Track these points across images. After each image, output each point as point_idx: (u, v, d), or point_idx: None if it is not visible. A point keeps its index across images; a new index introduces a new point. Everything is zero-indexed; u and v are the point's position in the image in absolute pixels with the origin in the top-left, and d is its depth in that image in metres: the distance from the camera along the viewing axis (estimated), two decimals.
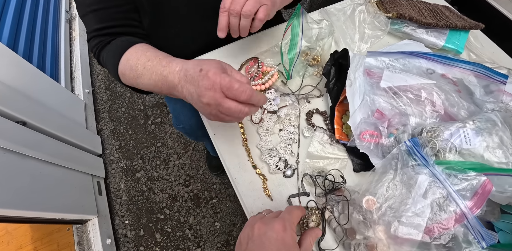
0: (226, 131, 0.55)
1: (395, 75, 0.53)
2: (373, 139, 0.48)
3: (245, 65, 0.62)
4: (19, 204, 0.88)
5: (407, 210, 0.42)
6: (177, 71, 0.43)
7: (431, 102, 0.51)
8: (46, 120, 1.11)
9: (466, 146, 0.45)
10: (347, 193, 0.47)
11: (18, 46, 1.23)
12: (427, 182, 0.43)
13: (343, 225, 0.45)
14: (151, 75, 0.46)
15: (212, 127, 0.56)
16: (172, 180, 1.34)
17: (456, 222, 0.41)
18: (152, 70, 0.46)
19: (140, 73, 0.48)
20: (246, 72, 0.61)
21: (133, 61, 0.49)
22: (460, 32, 0.67)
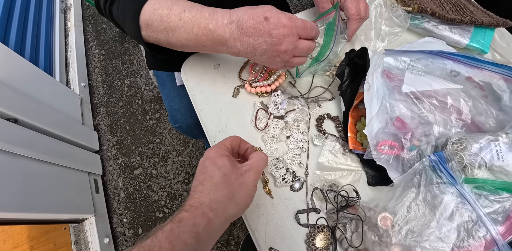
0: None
1: (418, 78, 0.47)
2: (393, 150, 0.43)
3: (249, 63, 0.57)
4: (11, 206, 0.84)
5: (430, 234, 0.37)
6: (226, 24, 0.40)
7: (457, 110, 0.46)
8: (39, 117, 1.06)
9: (498, 162, 0.40)
10: (361, 210, 0.42)
11: (8, 39, 1.17)
12: (453, 203, 0.38)
13: (357, 248, 0.41)
14: (192, 28, 0.41)
15: (212, 134, 0.51)
16: (171, 177, 1.30)
17: (486, 249, 0.37)
18: (192, 22, 0.41)
19: (175, 26, 0.42)
20: (250, 72, 0.55)
21: (164, 10, 0.42)
22: (486, 30, 0.60)
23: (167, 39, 0.44)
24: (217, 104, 0.54)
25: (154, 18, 0.43)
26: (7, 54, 1.06)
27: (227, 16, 0.40)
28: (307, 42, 0.41)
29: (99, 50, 1.66)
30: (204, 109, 0.53)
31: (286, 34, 0.38)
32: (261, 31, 0.38)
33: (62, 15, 1.61)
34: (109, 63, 1.62)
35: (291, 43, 0.39)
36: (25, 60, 1.13)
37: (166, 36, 0.44)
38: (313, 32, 0.41)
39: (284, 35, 0.38)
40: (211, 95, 0.55)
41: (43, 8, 1.46)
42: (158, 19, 0.42)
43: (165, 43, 0.46)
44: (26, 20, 1.29)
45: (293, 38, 0.39)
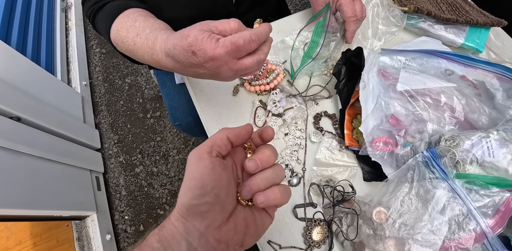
0: None
1: (412, 77, 0.48)
2: (387, 147, 0.44)
3: None
4: (14, 203, 0.86)
5: (422, 227, 0.39)
6: (165, 57, 0.39)
7: (451, 108, 0.47)
8: (41, 115, 1.07)
9: (489, 158, 0.41)
10: (356, 205, 0.44)
11: (10, 38, 1.18)
12: (445, 197, 0.39)
13: (352, 240, 0.42)
14: (143, 55, 0.42)
15: (212, 132, 0.52)
16: (172, 175, 1.32)
17: (476, 242, 0.38)
18: (142, 50, 0.42)
19: (132, 49, 0.44)
20: None
21: (123, 32, 0.44)
22: (481, 29, 0.62)
23: (135, 58, 0.46)
24: (217, 102, 0.55)
25: (118, 39, 0.45)
26: (9, 53, 1.07)
27: (163, 48, 0.38)
28: (249, 60, 0.36)
29: (100, 49, 1.67)
30: (204, 107, 0.55)
31: (219, 65, 0.35)
32: (196, 65, 0.36)
33: (63, 14, 1.62)
34: (110, 62, 1.63)
35: (229, 70, 0.36)
36: (27, 59, 1.15)
37: (131, 55, 0.46)
38: (251, 45, 0.34)
39: (217, 67, 0.35)
40: (211, 93, 0.56)
41: (44, 8, 1.47)
42: (120, 41, 0.45)
43: (138, 60, 0.47)
44: (27, 19, 1.30)
45: (228, 65, 0.35)
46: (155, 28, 0.41)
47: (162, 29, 0.41)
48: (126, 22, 0.44)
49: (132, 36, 0.43)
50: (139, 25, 0.43)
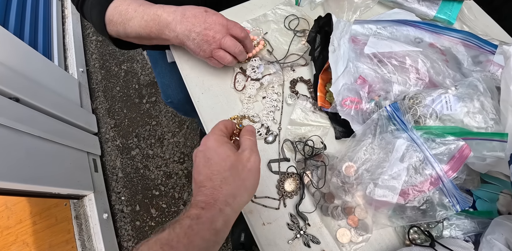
0: (210, 100, 0.55)
1: (380, 42, 0.52)
2: (354, 104, 0.48)
3: None
4: (14, 177, 0.90)
5: (383, 173, 0.43)
6: (172, 11, 0.47)
7: (416, 70, 0.50)
8: (39, 98, 1.11)
9: (447, 111, 0.45)
10: (326, 158, 0.47)
11: (8, 23, 1.21)
12: (404, 146, 0.43)
13: (320, 189, 0.46)
14: (143, 16, 0.48)
15: (196, 95, 0.56)
16: (166, 157, 1.36)
17: (431, 185, 0.42)
18: (144, 12, 0.49)
19: (131, 17, 0.49)
20: None
21: (124, 6, 0.50)
22: (453, 3, 0.64)
23: (124, 30, 0.51)
24: (201, 70, 0.58)
25: (115, 13, 0.51)
26: (8, 37, 1.10)
27: (174, 6, 0.48)
28: (235, 41, 0.49)
29: (96, 37, 1.70)
30: (189, 74, 0.58)
31: (218, 22, 0.47)
32: (199, 18, 0.46)
33: (59, 3, 1.64)
34: (106, 49, 1.66)
35: (219, 32, 0.47)
36: (25, 44, 1.18)
37: (123, 28, 0.51)
38: (242, 32, 0.49)
39: (216, 23, 0.46)
40: (196, 62, 0.59)
41: None
42: (118, 14, 0.50)
43: (123, 34, 0.52)
44: (24, 5, 1.33)
45: (222, 28, 0.47)
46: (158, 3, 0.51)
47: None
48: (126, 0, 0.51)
49: (134, 6, 0.50)
50: (141, 1, 0.51)
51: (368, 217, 0.46)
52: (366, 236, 0.44)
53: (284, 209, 0.47)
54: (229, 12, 0.64)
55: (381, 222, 0.45)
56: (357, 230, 0.45)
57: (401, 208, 0.43)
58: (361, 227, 0.45)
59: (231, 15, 0.63)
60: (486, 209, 0.46)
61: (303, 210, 0.47)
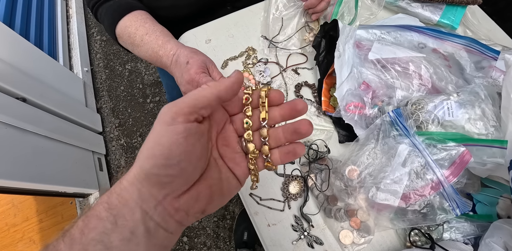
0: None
1: (384, 48, 0.53)
2: (358, 109, 0.49)
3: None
4: (22, 176, 0.91)
5: (385, 177, 0.44)
6: (171, 54, 0.48)
7: (419, 76, 0.51)
8: (45, 97, 1.12)
9: (448, 117, 0.46)
10: (329, 162, 0.49)
11: (14, 23, 1.22)
12: (406, 151, 0.44)
13: (324, 191, 0.47)
14: (147, 50, 0.50)
15: None
16: None
17: (432, 190, 0.43)
18: (148, 45, 0.50)
19: (138, 44, 0.51)
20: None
21: (132, 29, 0.51)
22: (457, 8, 0.65)
23: (133, 51, 0.54)
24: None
25: (125, 34, 0.52)
26: (14, 37, 1.12)
27: (175, 48, 0.48)
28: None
29: (100, 37, 1.71)
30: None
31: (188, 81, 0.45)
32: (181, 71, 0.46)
33: (64, 3, 1.65)
34: (110, 49, 1.67)
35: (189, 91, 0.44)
36: (31, 44, 1.19)
37: (132, 49, 0.54)
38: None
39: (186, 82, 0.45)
40: None
41: None
42: (127, 36, 0.52)
43: (136, 54, 0.54)
44: (29, 6, 1.34)
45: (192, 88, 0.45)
46: (165, 33, 0.51)
47: (171, 35, 0.52)
48: (136, 22, 0.51)
49: (141, 34, 0.50)
50: (149, 27, 0.51)
51: (370, 219, 0.47)
52: (368, 238, 0.46)
53: (288, 211, 0.48)
54: (235, 15, 0.65)
55: (383, 224, 0.46)
56: (359, 231, 0.47)
57: (403, 211, 0.44)
58: (363, 229, 0.47)
59: (237, 17, 0.65)
60: (486, 213, 0.47)
61: (307, 212, 0.48)
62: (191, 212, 0.22)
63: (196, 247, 1.23)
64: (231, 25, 0.64)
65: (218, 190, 0.24)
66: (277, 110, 0.25)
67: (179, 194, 0.21)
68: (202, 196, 0.22)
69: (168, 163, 0.20)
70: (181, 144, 0.20)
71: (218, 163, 0.25)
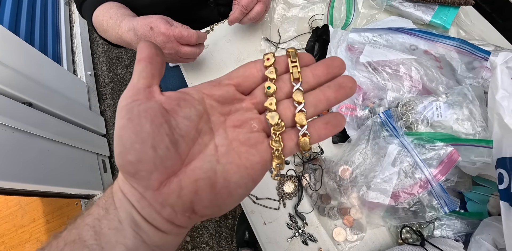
0: None
1: (375, 51, 0.54)
2: (349, 111, 0.50)
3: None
4: (28, 178, 0.94)
5: (376, 176, 0.45)
6: (127, 31, 0.50)
7: (409, 77, 0.53)
8: (51, 102, 1.15)
9: (437, 118, 0.47)
10: (323, 162, 0.50)
11: (19, 30, 1.25)
12: (396, 151, 0.45)
13: (317, 191, 0.49)
14: (112, 33, 0.54)
15: None
16: None
17: (421, 188, 0.44)
18: (112, 28, 0.53)
19: (106, 29, 0.55)
20: None
21: (100, 17, 0.56)
22: (450, 8, 0.66)
23: (106, 37, 0.58)
24: (206, 78, 0.61)
25: (97, 23, 0.57)
26: (19, 44, 1.15)
27: (127, 24, 0.50)
28: (188, 48, 0.50)
29: (103, 41, 1.74)
30: (194, 83, 0.61)
31: (165, 41, 0.48)
32: (149, 38, 0.48)
33: (67, 7, 1.69)
34: (112, 52, 1.70)
35: (172, 48, 0.49)
36: (36, 50, 1.22)
37: (105, 36, 0.58)
38: (191, 40, 0.48)
39: (164, 42, 0.48)
40: (200, 71, 0.62)
41: (49, 1, 1.54)
42: (98, 24, 0.57)
43: (109, 39, 0.58)
44: (33, 12, 1.38)
45: (172, 44, 0.48)
46: (124, 14, 0.54)
47: (130, 15, 0.54)
48: (104, 10, 0.56)
49: (106, 19, 0.54)
50: (112, 12, 0.55)
51: (363, 217, 0.49)
52: (361, 235, 0.47)
53: (283, 210, 0.50)
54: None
55: (375, 222, 0.48)
56: (352, 229, 0.48)
57: (393, 209, 0.46)
58: (356, 227, 0.48)
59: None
60: (477, 211, 0.49)
61: (301, 211, 0.50)
62: (178, 209, 0.19)
63: (198, 246, 1.25)
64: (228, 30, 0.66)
65: (208, 185, 0.19)
66: (308, 70, 0.21)
67: (157, 186, 0.18)
68: (184, 192, 0.19)
69: (123, 150, 0.18)
70: (126, 126, 0.18)
71: (217, 150, 0.20)
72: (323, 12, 0.67)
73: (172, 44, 0.48)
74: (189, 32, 0.48)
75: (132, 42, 0.51)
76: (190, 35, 0.48)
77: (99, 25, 0.56)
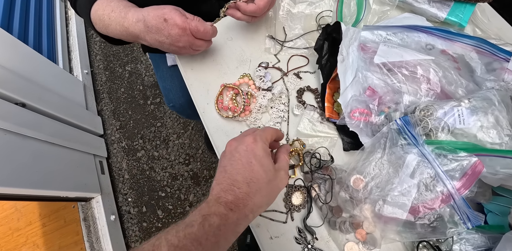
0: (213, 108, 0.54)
1: (391, 50, 0.50)
2: (363, 117, 0.47)
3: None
4: (23, 183, 0.91)
5: (393, 189, 0.42)
6: (135, 22, 0.47)
7: (427, 80, 0.49)
8: (45, 102, 1.11)
9: (459, 125, 0.43)
10: (333, 171, 0.46)
11: (12, 27, 1.21)
12: (415, 161, 0.42)
13: (327, 203, 0.45)
14: (116, 26, 0.50)
15: (201, 106, 0.55)
16: (172, 159, 1.36)
17: (442, 203, 0.40)
18: (116, 21, 0.50)
19: (108, 24, 0.51)
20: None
21: (100, 12, 0.52)
22: (466, 5, 0.62)
23: (108, 33, 0.54)
24: (206, 79, 0.57)
25: (96, 18, 0.53)
26: (12, 42, 1.10)
27: (135, 15, 0.47)
28: (201, 42, 0.49)
29: (100, 38, 1.69)
30: (194, 84, 0.57)
31: (181, 34, 0.46)
32: (162, 31, 0.46)
33: (62, 4, 1.63)
34: (110, 50, 1.66)
35: (187, 42, 0.47)
36: (29, 48, 1.18)
37: (107, 31, 0.53)
38: (206, 35, 0.48)
39: (180, 35, 0.46)
40: (200, 71, 0.58)
41: None
42: (98, 19, 0.52)
43: (111, 35, 0.54)
44: (27, 9, 1.33)
45: (188, 37, 0.47)
46: (128, 5, 0.51)
47: (135, 6, 0.51)
48: (103, 3, 0.52)
49: (107, 12, 0.51)
50: (114, 4, 0.51)
51: (376, 230, 0.45)
52: (375, 250, 0.44)
53: (291, 223, 0.47)
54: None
55: (390, 236, 0.44)
56: (365, 244, 0.45)
57: (411, 224, 0.42)
58: (369, 241, 0.45)
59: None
60: (498, 223, 0.45)
61: (310, 224, 0.46)
62: None
63: None
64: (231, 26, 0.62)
65: None
66: None
67: None
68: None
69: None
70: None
71: None
72: (331, 8, 0.63)
73: (187, 38, 0.47)
74: (205, 27, 0.47)
75: (141, 34, 0.48)
76: (206, 31, 0.47)
77: (99, 21, 0.52)
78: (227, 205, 0.32)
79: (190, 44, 0.48)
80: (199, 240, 0.28)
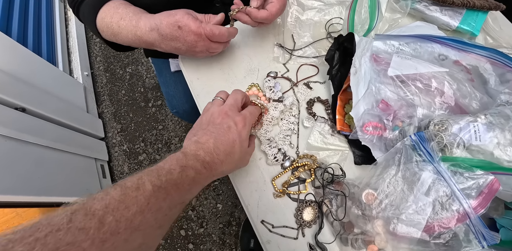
0: None
1: (404, 62, 0.49)
2: (377, 131, 0.46)
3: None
4: (24, 190, 0.89)
5: (407, 207, 0.41)
6: (148, 31, 0.47)
7: (441, 93, 0.48)
8: (45, 106, 1.09)
9: (475, 142, 0.42)
10: (345, 187, 0.46)
11: (11, 30, 1.18)
12: (430, 179, 0.41)
13: (340, 220, 0.44)
14: (127, 35, 0.49)
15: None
16: None
17: (458, 222, 0.40)
18: (126, 29, 0.49)
19: (117, 32, 0.50)
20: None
21: (108, 19, 0.50)
22: (478, 13, 0.61)
23: (117, 41, 0.53)
24: (213, 89, 0.56)
25: (103, 26, 0.51)
26: (11, 44, 1.08)
27: (148, 24, 0.47)
28: (217, 45, 0.49)
29: (100, 39, 1.67)
30: (200, 94, 0.56)
31: (197, 40, 0.46)
32: (178, 38, 0.46)
33: (62, 5, 1.61)
34: (110, 52, 1.64)
35: (203, 46, 0.48)
36: (29, 51, 1.16)
37: (115, 39, 0.52)
38: (222, 38, 0.48)
39: (196, 41, 0.46)
40: (207, 80, 0.57)
41: None
42: (105, 27, 0.51)
43: (120, 42, 0.53)
44: (26, 11, 1.30)
45: (204, 42, 0.47)
46: (137, 12, 0.50)
47: (144, 12, 0.50)
48: (110, 10, 0.51)
49: (116, 20, 0.49)
50: (122, 12, 0.50)
51: (389, 246, 0.44)
52: None
53: (302, 239, 0.46)
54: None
55: None
56: None
57: (425, 243, 0.41)
58: None
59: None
60: (510, 239, 0.45)
61: (322, 240, 0.45)
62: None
63: None
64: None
65: None
66: None
67: None
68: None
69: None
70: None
71: None
72: (341, 15, 0.62)
73: (204, 43, 0.47)
74: (220, 30, 0.46)
75: (155, 42, 0.48)
76: (221, 34, 0.47)
77: (107, 28, 0.51)
78: (203, 164, 0.37)
79: (206, 48, 0.48)
80: (177, 186, 0.33)
